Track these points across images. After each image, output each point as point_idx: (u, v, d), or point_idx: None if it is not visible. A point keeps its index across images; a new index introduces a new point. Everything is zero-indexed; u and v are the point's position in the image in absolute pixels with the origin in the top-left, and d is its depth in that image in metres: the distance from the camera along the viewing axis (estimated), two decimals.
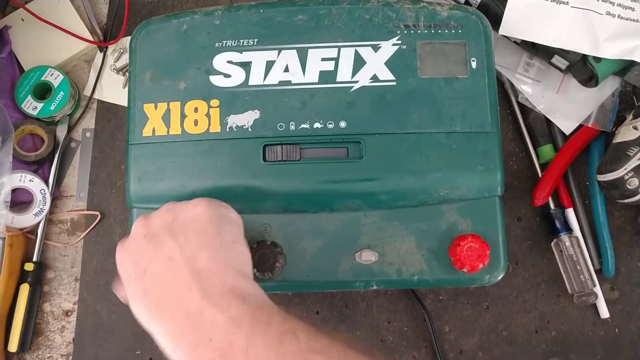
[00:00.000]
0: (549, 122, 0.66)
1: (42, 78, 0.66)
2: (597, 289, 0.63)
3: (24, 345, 0.63)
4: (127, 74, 0.68)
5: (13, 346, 0.62)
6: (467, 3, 0.63)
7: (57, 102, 0.66)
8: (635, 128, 0.59)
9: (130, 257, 0.44)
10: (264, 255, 0.51)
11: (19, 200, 0.65)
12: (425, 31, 0.55)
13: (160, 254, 0.42)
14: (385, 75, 0.54)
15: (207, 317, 0.38)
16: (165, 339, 0.39)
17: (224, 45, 0.54)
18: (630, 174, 0.57)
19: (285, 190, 0.52)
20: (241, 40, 0.54)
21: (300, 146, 0.53)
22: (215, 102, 0.54)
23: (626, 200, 0.58)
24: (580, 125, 0.65)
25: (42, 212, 0.65)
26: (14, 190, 0.64)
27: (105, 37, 0.70)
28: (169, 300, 0.40)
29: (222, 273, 0.41)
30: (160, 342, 0.40)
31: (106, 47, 0.70)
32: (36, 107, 0.66)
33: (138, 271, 0.42)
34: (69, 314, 0.65)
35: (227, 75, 0.54)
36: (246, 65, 0.54)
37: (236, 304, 0.39)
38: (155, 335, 0.40)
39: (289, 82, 0.54)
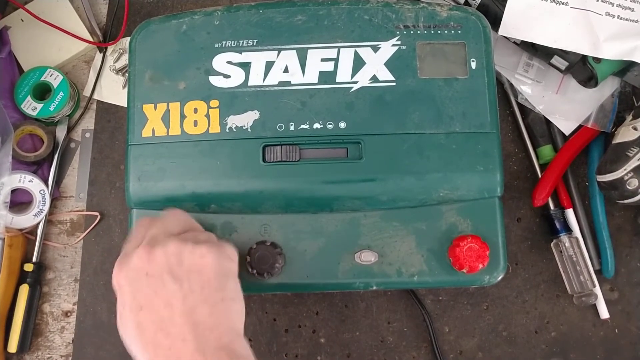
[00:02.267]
0: (548, 123, 0.66)
1: (42, 78, 0.66)
2: (597, 290, 0.63)
3: (23, 346, 0.63)
4: (127, 74, 0.68)
5: (13, 347, 0.62)
6: (466, 3, 0.63)
7: (57, 103, 0.66)
8: (635, 129, 0.59)
9: (129, 288, 0.43)
10: (264, 256, 0.51)
11: (19, 201, 0.65)
12: (425, 32, 0.55)
13: (160, 296, 0.42)
14: (385, 75, 0.54)
15: None
16: None
17: (223, 45, 0.54)
18: (630, 175, 0.57)
19: (285, 191, 0.52)
20: (241, 41, 0.54)
21: (300, 147, 0.53)
22: (214, 103, 0.54)
23: (626, 201, 0.58)
24: (580, 126, 0.65)
25: (42, 212, 0.65)
26: (13, 191, 0.64)
27: (105, 37, 0.70)
28: (162, 344, 0.40)
29: (219, 330, 0.41)
30: None
31: (106, 48, 0.70)
32: (36, 108, 0.66)
33: (134, 305, 0.42)
34: (69, 314, 0.65)
35: (226, 76, 0.54)
36: (246, 66, 0.54)
37: None
38: None
39: (288, 83, 0.54)
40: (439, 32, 0.55)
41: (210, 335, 0.41)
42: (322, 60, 0.54)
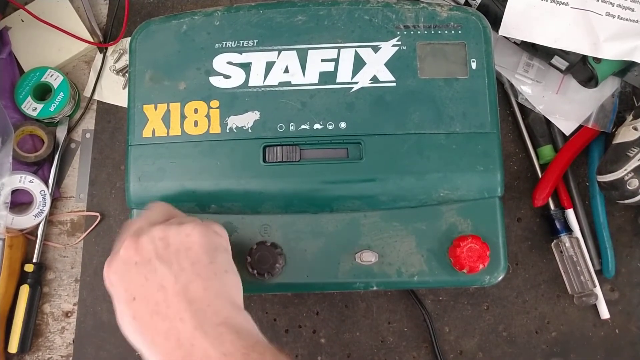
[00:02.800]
0: (548, 123, 0.66)
1: (42, 79, 0.66)
2: (597, 290, 0.63)
3: (24, 346, 0.63)
4: (127, 74, 0.68)
5: (13, 347, 0.62)
6: (466, 4, 0.63)
7: (57, 103, 0.66)
8: (635, 129, 0.59)
9: (120, 281, 0.43)
10: (264, 256, 0.51)
11: (19, 201, 0.65)
12: (425, 32, 0.55)
13: (151, 282, 0.41)
14: (385, 76, 0.54)
15: (198, 349, 0.38)
16: None
17: (223, 46, 0.54)
18: (630, 175, 0.57)
19: (285, 191, 0.52)
20: (241, 41, 0.54)
21: (300, 147, 0.53)
22: (215, 103, 0.54)
23: (626, 201, 0.58)
24: (580, 126, 0.65)
25: (42, 213, 0.65)
26: (13, 191, 0.64)
27: (105, 38, 0.70)
28: (160, 328, 0.39)
29: (217, 304, 0.40)
30: None
31: (106, 48, 0.70)
32: (36, 108, 0.66)
33: (127, 297, 0.41)
34: (69, 315, 0.65)
35: (227, 76, 0.54)
36: (246, 66, 0.54)
37: (230, 340, 0.38)
38: (145, 358, 0.40)
39: (288, 83, 0.54)
40: (439, 32, 0.55)
41: (208, 310, 0.40)
42: (323, 60, 0.54)
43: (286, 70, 0.54)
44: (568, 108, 0.65)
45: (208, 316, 0.39)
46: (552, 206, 0.64)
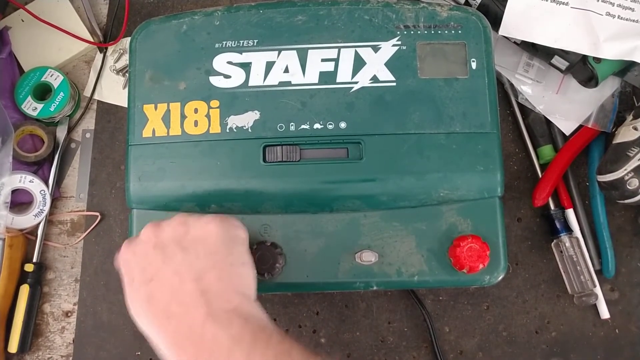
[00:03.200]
0: (548, 123, 0.66)
1: (42, 79, 0.66)
2: (597, 290, 0.63)
3: (23, 346, 0.63)
4: (127, 74, 0.68)
5: (13, 347, 0.62)
6: (467, 3, 0.63)
7: (57, 103, 0.66)
8: (635, 129, 0.59)
9: (138, 261, 0.44)
10: (264, 256, 0.51)
11: (19, 201, 0.65)
12: (425, 32, 0.55)
13: (168, 266, 0.43)
14: (385, 75, 0.54)
15: (209, 333, 0.40)
16: (166, 348, 0.41)
17: (223, 46, 0.54)
18: (630, 175, 0.57)
19: (285, 191, 0.52)
20: (241, 41, 0.54)
21: (300, 147, 0.53)
22: (215, 103, 0.54)
23: (626, 201, 0.58)
24: (580, 126, 0.65)
25: (42, 212, 0.65)
26: (13, 191, 0.64)
27: (105, 37, 0.70)
28: (173, 312, 0.41)
29: (228, 294, 0.42)
30: (159, 350, 0.41)
31: (106, 48, 0.70)
32: (36, 108, 0.66)
33: (144, 277, 0.43)
34: (69, 314, 0.65)
35: (227, 76, 0.54)
36: (246, 66, 0.54)
37: (238, 324, 0.40)
38: (155, 342, 0.41)
39: (288, 83, 0.54)
40: (439, 32, 0.55)
41: (220, 299, 0.41)
42: (323, 60, 0.54)
43: (286, 70, 0.54)
44: (568, 108, 0.65)
45: (220, 304, 0.41)
46: (552, 206, 0.64)
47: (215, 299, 0.41)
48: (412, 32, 0.54)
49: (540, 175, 0.65)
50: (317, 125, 0.53)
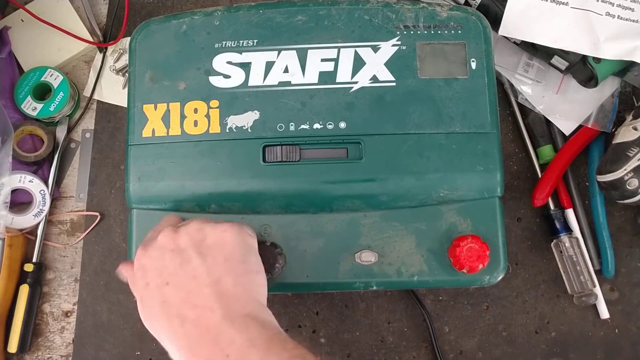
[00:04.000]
0: (548, 123, 0.66)
1: (42, 79, 0.66)
2: (597, 290, 0.63)
3: (23, 346, 0.63)
4: (127, 74, 0.68)
5: (13, 347, 0.62)
6: (466, 3, 0.63)
7: (57, 103, 0.66)
8: (635, 129, 0.59)
9: (154, 266, 0.44)
10: (264, 256, 0.50)
11: (19, 201, 0.65)
12: (425, 32, 0.55)
13: (185, 270, 0.43)
14: (385, 75, 0.54)
15: (225, 336, 0.40)
16: (180, 351, 0.41)
17: (223, 46, 0.54)
18: (630, 175, 0.57)
19: (285, 191, 0.52)
20: (241, 41, 0.54)
21: (300, 147, 0.53)
22: (214, 103, 0.54)
23: (626, 201, 0.58)
24: (580, 126, 0.65)
25: (42, 212, 0.65)
26: (13, 191, 0.64)
27: (105, 37, 0.70)
28: (188, 315, 0.41)
29: (244, 300, 0.42)
30: (172, 353, 0.41)
31: (106, 48, 0.70)
32: (36, 108, 0.66)
33: (160, 281, 0.43)
34: (69, 314, 0.65)
35: (226, 76, 0.54)
36: (246, 66, 0.54)
37: (255, 327, 0.40)
38: (167, 346, 0.42)
39: (288, 83, 0.54)
40: (439, 32, 0.55)
41: (236, 303, 0.42)
42: (322, 60, 0.54)
43: (286, 70, 0.54)
44: (568, 108, 0.65)
45: (236, 309, 0.41)
46: (552, 206, 0.64)
47: (232, 303, 0.41)
48: (412, 32, 0.54)
49: (540, 175, 0.65)
50: (316, 125, 0.53)
